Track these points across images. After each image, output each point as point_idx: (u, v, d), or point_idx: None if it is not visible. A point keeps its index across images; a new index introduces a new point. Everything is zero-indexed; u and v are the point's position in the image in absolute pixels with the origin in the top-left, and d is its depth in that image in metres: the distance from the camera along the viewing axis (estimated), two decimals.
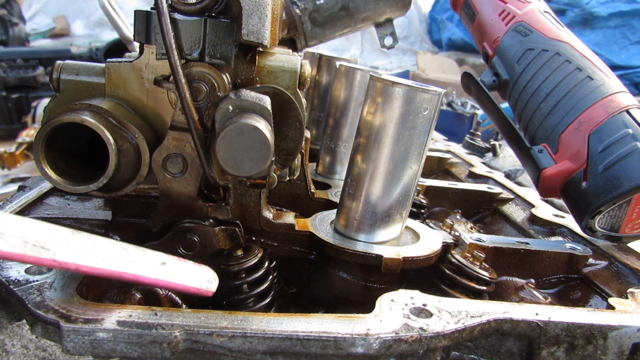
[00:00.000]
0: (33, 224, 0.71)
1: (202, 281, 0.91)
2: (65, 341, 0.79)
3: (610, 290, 1.18)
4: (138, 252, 0.83)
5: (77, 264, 0.73)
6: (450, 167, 2.19)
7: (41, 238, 0.70)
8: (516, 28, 1.55)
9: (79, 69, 1.11)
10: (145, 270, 0.82)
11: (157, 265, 0.84)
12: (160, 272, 0.84)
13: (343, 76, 1.64)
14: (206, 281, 0.92)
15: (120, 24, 3.32)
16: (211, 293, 0.94)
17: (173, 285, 0.87)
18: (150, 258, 0.84)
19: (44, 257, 0.70)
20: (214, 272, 0.96)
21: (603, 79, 1.34)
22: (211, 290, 0.93)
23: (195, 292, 0.91)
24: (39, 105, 4.11)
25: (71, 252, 0.73)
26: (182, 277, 0.88)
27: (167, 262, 0.86)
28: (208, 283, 0.92)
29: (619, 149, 1.22)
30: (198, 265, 0.94)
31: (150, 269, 0.83)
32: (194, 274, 0.91)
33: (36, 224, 0.71)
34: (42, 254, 0.69)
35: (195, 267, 0.92)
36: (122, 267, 0.79)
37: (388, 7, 1.92)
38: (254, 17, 0.98)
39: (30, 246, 0.68)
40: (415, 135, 1.09)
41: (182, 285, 0.88)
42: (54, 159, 1.01)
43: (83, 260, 0.74)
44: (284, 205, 1.39)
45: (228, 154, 0.86)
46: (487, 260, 1.21)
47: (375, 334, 0.84)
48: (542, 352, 0.94)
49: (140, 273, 0.81)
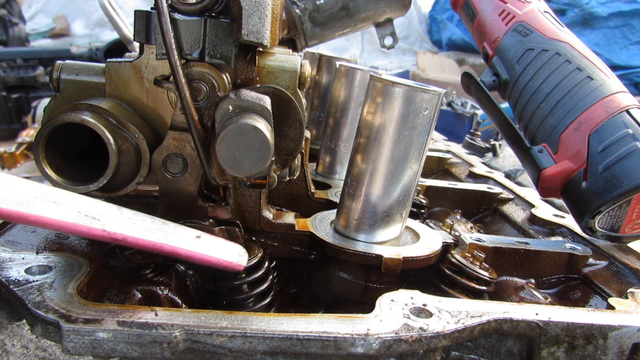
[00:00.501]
0: (85, 199, 0.76)
1: (234, 255, 0.96)
2: (65, 341, 0.79)
3: (610, 290, 1.18)
4: (176, 227, 0.89)
5: (125, 235, 0.79)
6: (450, 167, 2.19)
7: (93, 210, 0.75)
8: (516, 28, 1.55)
9: (79, 69, 1.11)
10: (182, 243, 0.87)
11: (193, 239, 0.89)
12: (195, 245, 0.89)
13: (343, 76, 1.64)
14: (238, 255, 0.97)
15: (120, 24, 3.32)
16: (242, 267, 0.98)
17: (208, 259, 0.91)
18: (187, 232, 0.90)
19: (95, 227, 0.75)
20: (243, 248, 1.00)
21: (603, 79, 1.34)
22: (242, 264, 0.98)
23: (228, 266, 0.95)
24: (39, 105, 4.11)
25: (119, 224, 0.79)
26: (216, 251, 0.93)
27: (202, 236, 0.92)
28: (239, 257, 0.97)
29: (619, 149, 1.22)
30: (228, 242, 0.98)
31: (187, 242, 0.88)
32: (226, 248, 0.95)
33: (88, 199, 0.77)
34: (94, 224, 0.75)
35: (227, 243, 0.97)
36: (163, 239, 0.84)
37: (388, 7, 1.93)
38: (254, 17, 0.98)
39: (83, 216, 0.73)
40: (415, 135, 1.09)
41: (216, 259, 0.92)
42: (54, 159, 1.01)
43: (129, 231, 0.80)
44: (284, 205, 1.39)
45: (228, 154, 0.86)
46: (487, 260, 1.21)
47: (375, 334, 0.84)
48: (542, 352, 0.94)
49: (178, 245, 0.86)
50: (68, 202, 0.72)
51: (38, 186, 0.70)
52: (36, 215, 0.68)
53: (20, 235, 1.12)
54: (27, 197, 0.67)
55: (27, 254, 0.99)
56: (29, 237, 1.12)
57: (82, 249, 1.09)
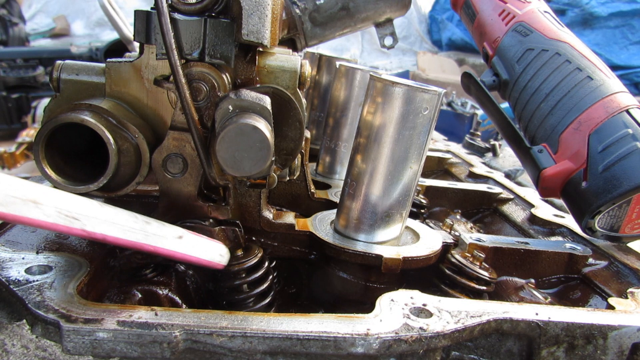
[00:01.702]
0: (66, 197, 0.77)
1: (215, 255, 0.99)
2: (65, 341, 0.79)
3: (610, 290, 1.18)
4: (158, 226, 0.90)
5: (104, 234, 0.80)
6: (450, 167, 2.19)
7: (73, 209, 0.76)
8: (516, 28, 1.55)
9: (79, 69, 1.11)
10: (163, 243, 0.89)
11: (175, 239, 0.91)
12: (176, 244, 0.91)
13: (343, 76, 1.64)
14: (218, 255, 1.00)
15: (120, 24, 3.32)
16: (222, 266, 1.02)
17: (188, 258, 0.94)
18: (169, 232, 0.91)
19: (75, 227, 0.76)
20: (226, 247, 1.04)
21: (603, 79, 1.34)
22: (222, 263, 1.01)
23: (208, 265, 0.98)
24: (39, 105, 4.11)
25: (99, 223, 0.79)
26: (197, 251, 0.95)
27: (184, 236, 0.94)
28: (220, 257, 1.00)
29: (619, 149, 1.22)
30: (212, 241, 1.01)
31: (168, 241, 0.90)
32: (208, 248, 0.98)
33: (69, 196, 0.77)
34: (73, 224, 0.75)
35: (209, 242, 1.00)
36: (143, 239, 0.86)
37: (388, 7, 1.92)
38: (254, 17, 0.98)
39: (62, 216, 0.74)
40: (415, 135, 1.09)
41: (197, 258, 0.95)
42: (54, 159, 1.01)
43: (109, 231, 0.81)
44: (284, 205, 1.39)
45: (228, 153, 0.86)
46: (487, 260, 1.21)
47: (375, 334, 0.84)
48: (542, 352, 0.95)
49: (158, 245, 0.88)
50: (48, 202, 0.72)
51: (20, 185, 0.70)
52: (14, 215, 0.69)
53: (20, 235, 1.12)
54: (6, 197, 0.68)
55: (27, 254, 0.99)
56: (29, 237, 1.12)
57: (82, 249, 1.09)
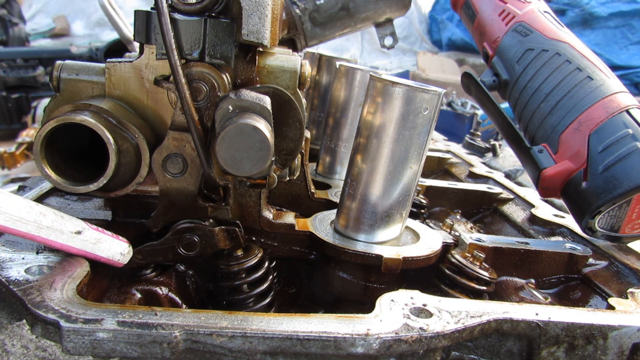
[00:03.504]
0: None
1: (115, 253, 0.98)
2: (65, 341, 0.79)
3: (610, 290, 1.18)
4: (55, 219, 0.90)
5: None
6: (450, 167, 2.19)
7: None
8: (516, 28, 1.55)
9: (79, 69, 1.11)
10: (57, 237, 0.90)
11: (70, 234, 0.92)
12: (71, 240, 0.92)
13: (343, 76, 1.64)
14: (119, 254, 0.99)
15: (120, 24, 3.32)
16: (122, 264, 1.00)
17: (84, 254, 0.95)
18: (66, 226, 0.92)
19: None
20: (130, 246, 1.01)
21: (603, 79, 1.34)
22: (122, 262, 1.00)
23: (106, 262, 0.98)
24: (39, 105, 4.11)
25: None
26: (95, 248, 0.95)
27: (84, 231, 0.94)
28: (120, 256, 0.99)
29: (619, 149, 1.22)
30: (115, 238, 1.00)
31: (64, 236, 0.91)
32: (108, 245, 0.97)
33: None
34: None
35: (111, 240, 0.99)
36: (35, 231, 0.87)
37: (388, 7, 1.93)
38: (254, 17, 0.98)
39: None
40: (415, 135, 1.09)
41: (93, 255, 0.95)
42: (54, 159, 1.01)
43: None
44: (284, 205, 1.39)
45: (228, 154, 0.86)
46: (487, 260, 1.21)
47: (375, 334, 0.84)
48: (542, 352, 0.94)
49: (51, 238, 0.89)
50: None
51: None
52: None
53: None
54: None
55: (27, 254, 0.99)
56: None
57: None
